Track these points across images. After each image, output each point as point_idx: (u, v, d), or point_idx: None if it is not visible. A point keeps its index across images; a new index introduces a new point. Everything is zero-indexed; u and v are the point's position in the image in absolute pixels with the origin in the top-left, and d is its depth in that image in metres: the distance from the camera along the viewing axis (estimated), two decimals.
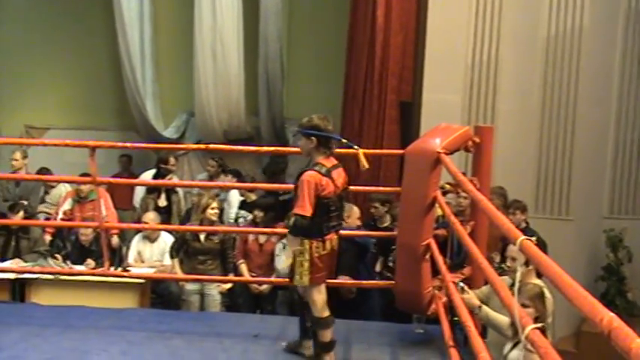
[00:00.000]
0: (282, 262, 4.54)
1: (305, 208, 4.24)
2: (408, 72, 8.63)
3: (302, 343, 4.73)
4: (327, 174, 4.35)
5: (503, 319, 3.93)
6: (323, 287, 4.47)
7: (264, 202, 7.31)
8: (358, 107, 8.68)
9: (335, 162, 4.51)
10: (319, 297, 4.43)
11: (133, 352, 4.70)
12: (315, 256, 4.35)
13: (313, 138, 4.38)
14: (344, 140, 4.68)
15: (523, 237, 2.52)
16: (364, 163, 4.74)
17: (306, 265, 4.34)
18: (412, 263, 4.93)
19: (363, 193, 7.44)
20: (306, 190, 4.25)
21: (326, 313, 4.45)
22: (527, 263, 4.08)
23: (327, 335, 4.45)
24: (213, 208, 6.79)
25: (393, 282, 5.37)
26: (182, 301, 6.96)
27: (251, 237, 7.06)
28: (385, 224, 6.89)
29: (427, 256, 4.87)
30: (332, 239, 4.47)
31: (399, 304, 5.23)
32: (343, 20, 9.25)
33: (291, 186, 4.56)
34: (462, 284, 4.04)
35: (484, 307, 4.00)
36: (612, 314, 1.71)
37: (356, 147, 4.72)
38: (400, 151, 5.80)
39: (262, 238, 7.07)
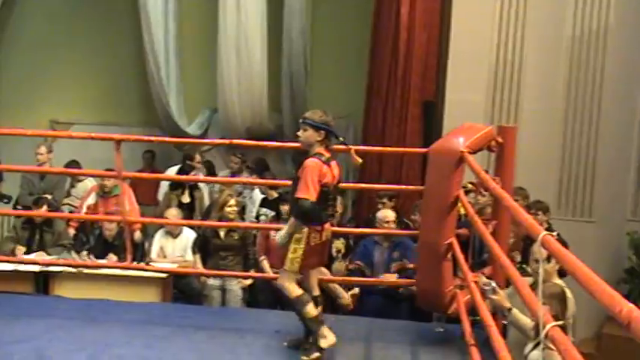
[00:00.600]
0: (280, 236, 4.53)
1: (309, 191, 4.35)
2: (432, 71, 8.62)
3: (308, 339, 4.74)
4: (327, 162, 4.49)
5: (528, 321, 3.91)
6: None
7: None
8: (381, 105, 8.68)
9: (330, 155, 4.60)
10: (292, 283, 4.55)
11: (156, 346, 4.75)
12: (311, 244, 4.47)
13: (322, 132, 4.53)
14: (341, 138, 4.77)
15: (545, 232, 2.52)
16: (357, 160, 4.79)
17: (300, 252, 4.45)
18: (434, 262, 4.93)
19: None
20: (309, 175, 4.37)
21: (299, 291, 4.54)
22: (548, 259, 4.08)
23: (311, 310, 4.52)
24: (231, 206, 6.84)
25: (414, 280, 5.38)
26: (203, 296, 7.01)
27: (272, 233, 7.08)
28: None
29: (449, 255, 4.88)
30: (327, 229, 4.60)
31: (420, 302, 5.23)
32: (367, 18, 9.25)
33: None
34: (493, 284, 4.03)
35: (514, 310, 3.98)
36: (632, 305, 1.71)
37: (348, 145, 4.83)
38: (423, 150, 5.80)
39: None
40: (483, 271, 5.03)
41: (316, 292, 4.76)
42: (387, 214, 6.46)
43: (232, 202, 6.87)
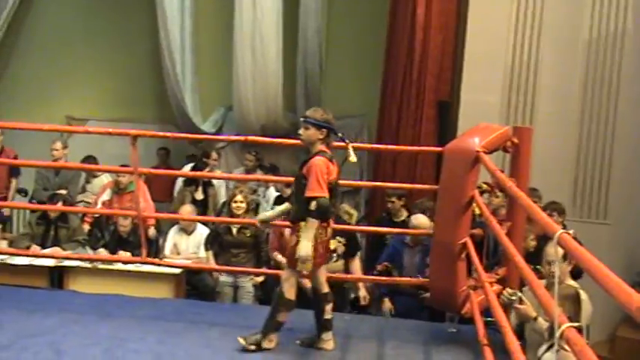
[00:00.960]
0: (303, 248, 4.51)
1: (323, 188, 4.40)
2: (447, 71, 8.61)
3: (321, 338, 4.75)
4: (331, 160, 4.55)
5: (543, 322, 3.90)
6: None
7: None
8: (396, 105, 8.68)
9: (330, 152, 4.64)
10: (296, 282, 4.64)
11: (169, 342, 4.77)
12: (318, 241, 4.49)
13: (324, 130, 4.58)
14: (340, 134, 4.77)
15: (561, 230, 2.51)
16: (352, 157, 4.75)
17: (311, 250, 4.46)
18: (448, 261, 4.93)
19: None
20: (319, 173, 4.42)
21: (293, 297, 4.61)
22: (564, 257, 4.07)
23: (282, 317, 4.62)
24: (236, 202, 6.87)
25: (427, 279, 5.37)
26: (216, 293, 7.03)
27: (287, 231, 7.06)
28: (401, 218, 7.08)
29: (463, 255, 4.87)
30: (331, 226, 4.64)
31: (433, 301, 5.23)
32: (382, 17, 9.25)
33: None
34: (519, 294, 4.03)
35: (539, 318, 3.97)
36: None
37: (347, 141, 4.78)
38: (438, 149, 5.79)
39: None
40: (497, 271, 5.02)
41: (326, 289, 4.76)
42: (421, 220, 6.25)
43: (239, 197, 6.90)
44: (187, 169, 9.10)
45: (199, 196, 8.46)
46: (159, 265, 6.54)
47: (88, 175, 8.76)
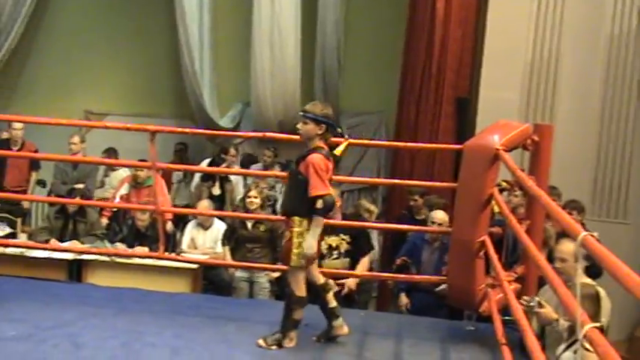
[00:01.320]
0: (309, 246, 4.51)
1: (325, 186, 4.38)
2: (466, 67, 8.56)
3: (333, 326, 4.74)
4: (328, 157, 4.50)
5: (562, 321, 3.87)
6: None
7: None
8: (414, 101, 8.64)
9: (327, 148, 4.59)
10: (302, 278, 4.59)
11: (185, 336, 4.77)
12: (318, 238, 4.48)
13: (323, 125, 4.50)
14: (339, 129, 4.76)
15: (585, 232, 2.48)
16: (341, 150, 4.69)
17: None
18: (466, 259, 4.90)
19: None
20: (320, 170, 4.38)
21: (304, 293, 4.59)
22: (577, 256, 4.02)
23: (299, 314, 4.60)
24: (250, 197, 6.88)
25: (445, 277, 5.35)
26: (232, 288, 7.04)
27: None
28: (422, 216, 7.04)
29: (481, 253, 4.84)
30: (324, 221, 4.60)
31: (451, 299, 5.21)
32: (401, 12, 9.24)
33: (351, 178, 4.58)
34: (537, 299, 4.00)
35: (561, 320, 3.93)
36: None
37: (346, 136, 4.77)
38: (457, 147, 5.75)
39: None
40: (516, 270, 4.99)
41: (322, 280, 4.75)
42: (437, 214, 6.26)
43: (253, 192, 6.91)
44: (205, 164, 9.12)
45: (216, 191, 8.48)
46: (175, 260, 6.55)
47: (107, 169, 8.80)
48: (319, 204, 4.39)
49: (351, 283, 6.19)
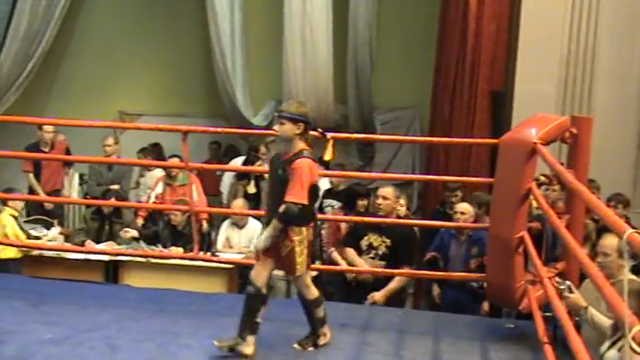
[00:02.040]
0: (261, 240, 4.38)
1: (303, 195, 4.23)
2: (501, 61, 8.45)
3: (318, 335, 4.67)
4: (315, 160, 4.39)
5: (606, 320, 3.77)
6: None
7: (364, 190, 7.21)
8: (448, 96, 8.55)
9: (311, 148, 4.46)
10: (311, 285, 4.57)
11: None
12: (305, 244, 4.39)
13: (301, 124, 4.35)
14: (319, 130, 4.62)
15: (631, 230, 2.39)
16: (330, 153, 4.63)
17: (305, 252, 4.39)
18: (504, 256, 4.81)
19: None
20: (304, 177, 4.24)
21: (317, 293, 4.57)
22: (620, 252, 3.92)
23: (321, 311, 4.59)
24: None
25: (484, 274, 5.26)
26: (269, 287, 6.99)
27: (343, 225, 6.97)
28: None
29: (520, 249, 4.74)
30: (313, 225, 4.53)
31: (490, 297, 5.12)
32: (434, 7, 9.13)
33: (381, 175, 4.49)
34: (568, 283, 3.90)
35: (590, 308, 3.84)
36: None
37: (329, 136, 4.67)
38: (492, 141, 5.66)
39: None
40: (556, 266, 4.89)
41: (315, 294, 4.64)
42: (462, 206, 6.27)
43: None
44: (238, 162, 9.11)
45: (251, 189, 8.46)
46: (210, 261, 6.55)
47: (142, 169, 8.84)
48: (282, 208, 4.23)
49: (379, 298, 5.96)
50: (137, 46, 11.03)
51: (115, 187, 8.08)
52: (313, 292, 4.57)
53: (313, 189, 4.37)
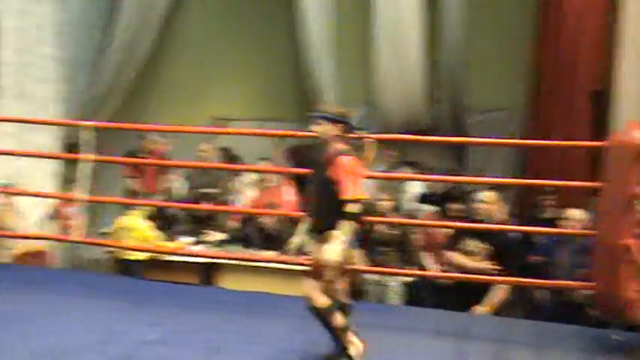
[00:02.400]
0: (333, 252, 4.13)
1: (356, 190, 4.11)
2: (601, 59, 8.12)
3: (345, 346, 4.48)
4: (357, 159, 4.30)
5: None
6: None
7: (459, 194, 7.12)
8: (545, 97, 8.30)
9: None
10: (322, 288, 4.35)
11: (315, 341, 4.71)
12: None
13: (340, 125, 4.31)
14: (358, 131, 4.56)
15: None
16: (370, 154, 4.58)
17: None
18: (611, 264, 4.61)
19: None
20: (350, 172, 4.14)
21: (329, 301, 4.32)
22: None
23: (340, 319, 4.34)
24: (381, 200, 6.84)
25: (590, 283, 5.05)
26: (363, 291, 6.96)
27: (438, 230, 6.85)
28: (553, 215, 6.79)
29: (628, 257, 4.52)
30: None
31: (596, 308, 4.91)
32: (528, 5, 8.89)
33: (482, 179, 4.31)
34: None
35: None
36: None
37: (371, 138, 4.60)
38: (596, 144, 5.44)
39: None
40: None
41: (325, 301, 4.39)
42: (573, 213, 6.10)
43: (384, 195, 6.83)
44: None
45: None
46: (302, 264, 6.54)
47: (233, 173, 8.93)
48: (350, 207, 4.10)
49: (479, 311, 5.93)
50: (229, 52, 11.18)
51: (212, 190, 8.19)
52: (323, 301, 4.31)
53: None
